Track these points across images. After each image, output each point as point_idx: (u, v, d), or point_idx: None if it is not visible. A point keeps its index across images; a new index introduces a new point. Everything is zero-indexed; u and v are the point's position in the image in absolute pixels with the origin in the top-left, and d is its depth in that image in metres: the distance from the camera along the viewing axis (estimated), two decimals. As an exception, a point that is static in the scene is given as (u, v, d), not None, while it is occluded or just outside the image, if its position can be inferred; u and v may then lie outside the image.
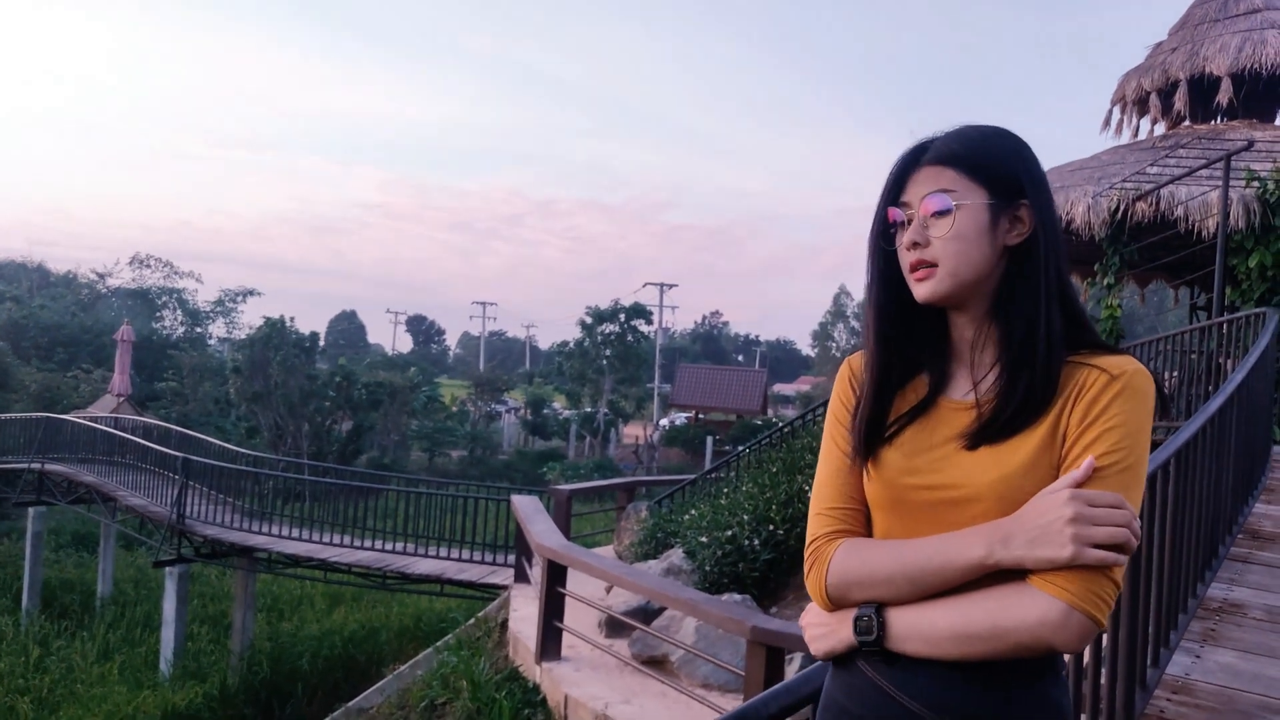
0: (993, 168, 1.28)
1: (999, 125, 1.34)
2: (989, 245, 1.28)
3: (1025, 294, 1.27)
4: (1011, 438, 1.23)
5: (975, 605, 1.18)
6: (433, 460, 36.55)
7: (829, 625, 1.31)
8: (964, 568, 1.19)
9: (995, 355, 1.30)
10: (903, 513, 1.30)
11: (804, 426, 12.17)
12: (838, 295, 77.83)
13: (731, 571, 8.90)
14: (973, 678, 1.21)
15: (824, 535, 1.35)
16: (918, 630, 1.22)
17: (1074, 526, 1.12)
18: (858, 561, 1.28)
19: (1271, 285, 9.28)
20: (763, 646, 5.08)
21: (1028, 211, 1.28)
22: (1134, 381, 1.21)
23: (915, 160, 1.33)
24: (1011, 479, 1.21)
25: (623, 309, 38.85)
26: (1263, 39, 11.71)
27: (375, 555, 12.69)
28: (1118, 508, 1.14)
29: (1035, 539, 1.15)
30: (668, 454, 37.05)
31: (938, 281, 1.28)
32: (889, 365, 1.36)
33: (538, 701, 7.46)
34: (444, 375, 64.80)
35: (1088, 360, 1.25)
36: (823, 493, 1.39)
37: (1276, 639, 3.68)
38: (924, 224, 1.29)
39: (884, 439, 1.33)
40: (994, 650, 1.17)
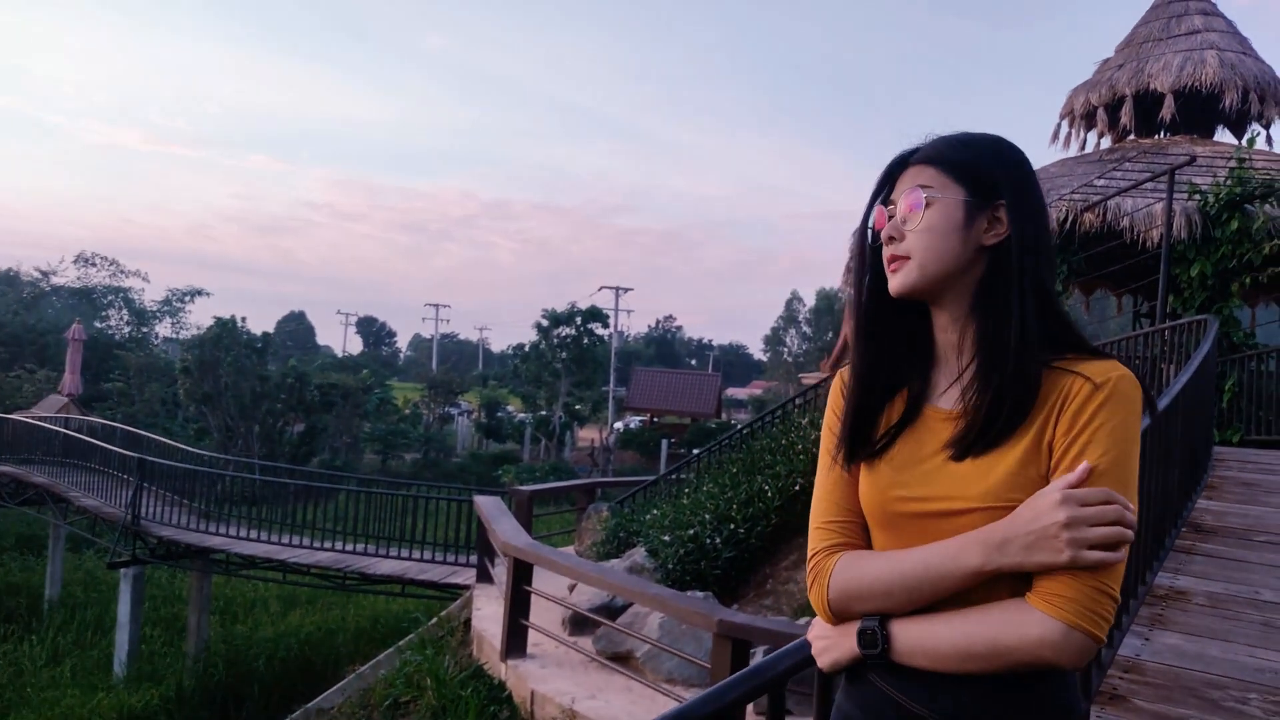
0: (972, 167, 1.30)
1: (995, 135, 1.36)
2: (961, 241, 1.28)
3: (1000, 294, 1.28)
4: (995, 448, 1.23)
5: (977, 624, 1.19)
6: (386, 463, 36.22)
7: (833, 638, 1.32)
8: (961, 576, 1.20)
9: (973, 357, 1.30)
10: (895, 526, 1.30)
11: (763, 428, 12.38)
12: (790, 300, 78.49)
13: (694, 569, 9.05)
14: (982, 684, 1.21)
15: (823, 549, 1.35)
16: (921, 646, 1.23)
17: (1069, 531, 1.13)
18: (856, 574, 1.28)
19: (1211, 294, 9.68)
20: (728, 639, 5.20)
21: (1005, 212, 1.29)
22: (1119, 387, 1.21)
23: (903, 163, 1.36)
24: (998, 491, 1.21)
25: (579, 312, 38.84)
26: (1202, 59, 12.18)
27: (335, 556, 12.62)
28: (1109, 503, 1.14)
29: (1031, 544, 1.15)
30: (623, 457, 37.13)
31: (907, 273, 1.30)
32: (874, 365, 1.37)
33: (503, 698, 7.52)
34: (395, 377, 64.14)
35: (1071, 367, 1.24)
36: (820, 506, 1.39)
37: (1217, 622, 3.92)
38: (902, 219, 1.31)
39: (875, 452, 1.34)
40: (995, 666, 1.18)
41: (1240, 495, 5.87)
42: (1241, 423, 8.88)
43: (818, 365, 51.39)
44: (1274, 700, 3.26)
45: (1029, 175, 1.33)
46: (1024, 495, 1.19)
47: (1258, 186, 9.66)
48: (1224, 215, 9.64)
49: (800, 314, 77.37)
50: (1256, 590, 4.29)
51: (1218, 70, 11.98)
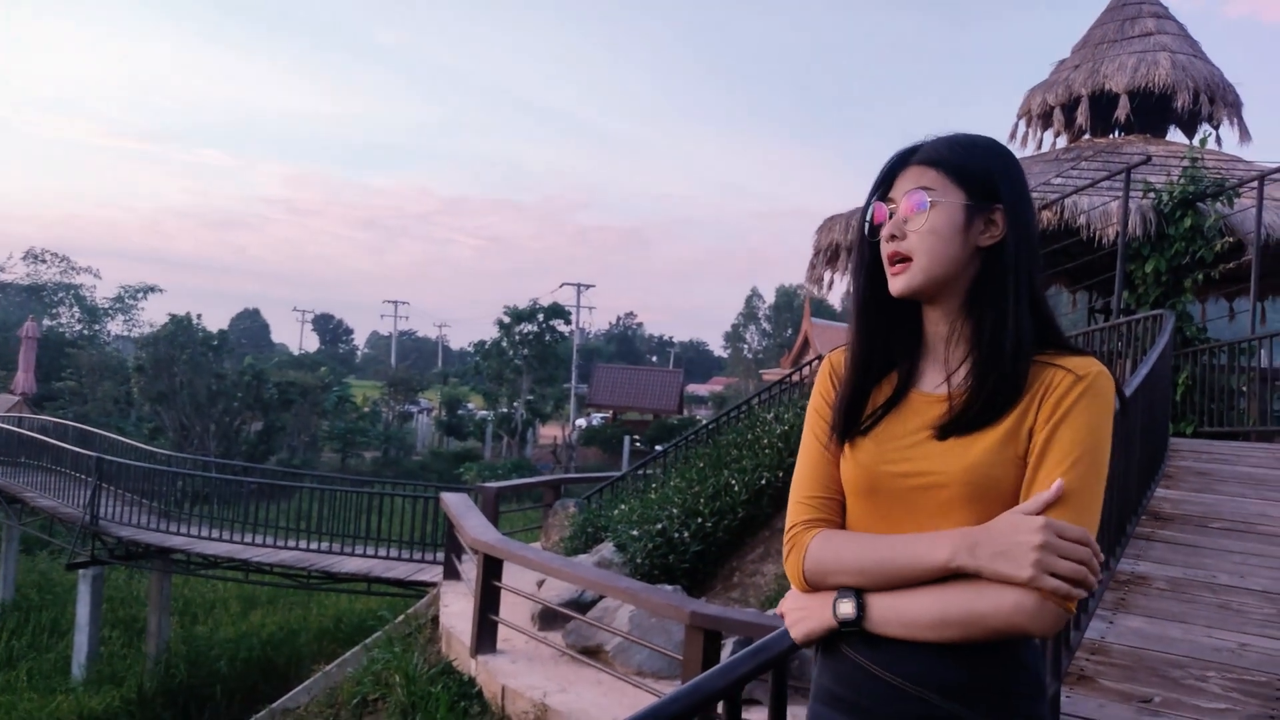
0: (972, 171, 1.35)
1: (989, 137, 1.43)
2: (962, 243, 1.34)
3: (996, 293, 1.34)
4: (979, 430, 1.30)
5: (952, 593, 1.23)
6: (345, 461, 35.88)
7: (808, 608, 1.35)
8: (928, 569, 1.24)
9: (965, 350, 1.36)
10: (877, 497, 1.36)
11: (728, 424, 12.48)
12: (750, 298, 79.01)
13: (662, 563, 9.12)
14: (953, 650, 1.25)
15: (802, 523, 1.40)
16: (896, 615, 1.27)
17: (1039, 553, 1.17)
18: (833, 552, 1.33)
19: (1165, 290, 9.93)
20: (700, 631, 5.26)
21: (1002, 215, 1.35)
22: (1097, 382, 1.29)
23: (904, 161, 1.40)
24: (978, 467, 1.27)
25: (541, 309, 38.71)
26: (1156, 60, 12.49)
27: (299, 555, 12.50)
28: (1084, 544, 1.19)
29: (1000, 553, 1.19)
30: (585, 454, 37.13)
31: (911, 275, 1.35)
32: (870, 353, 1.43)
33: (473, 694, 7.53)
34: (353, 375, 63.52)
35: (1054, 360, 1.32)
36: (802, 482, 1.44)
37: (1177, 605, 4.06)
38: (904, 219, 1.36)
39: (861, 430, 1.39)
40: (970, 635, 1.23)
41: (1196, 484, 6.06)
42: (1195, 415, 9.12)
43: (778, 362, 51.76)
44: (1231, 678, 3.39)
45: (1022, 179, 1.40)
46: (1001, 472, 1.27)
47: (1209, 185, 9.93)
48: (1177, 213, 9.89)
49: (760, 311, 77.89)
50: (1213, 574, 4.45)
51: (1170, 72, 12.29)
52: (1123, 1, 13.69)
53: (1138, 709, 3.13)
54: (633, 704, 6.54)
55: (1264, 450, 7.56)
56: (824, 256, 13.07)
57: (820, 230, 13.16)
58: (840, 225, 12.65)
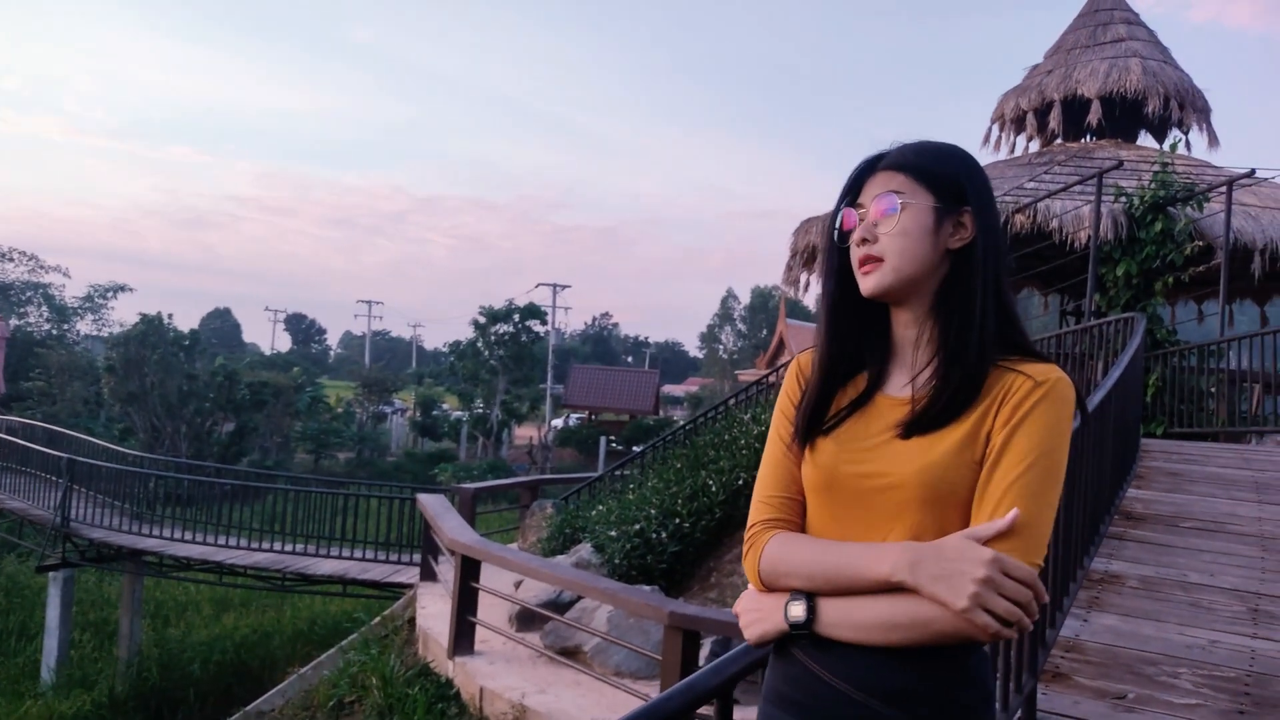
0: (940, 175, 1.37)
1: (953, 144, 1.44)
2: (931, 245, 1.36)
3: (963, 295, 1.35)
4: (939, 430, 1.31)
5: (900, 597, 1.24)
6: (318, 462, 35.62)
7: (762, 611, 1.35)
8: (871, 581, 1.25)
9: (932, 352, 1.37)
10: (833, 497, 1.37)
11: (706, 424, 12.52)
12: (725, 299, 79.24)
13: (640, 564, 9.14)
14: (898, 657, 1.26)
15: (761, 522, 1.41)
16: (846, 618, 1.27)
17: (979, 586, 1.17)
18: (785, 556, 1.34)
19: (1135, 292, 10.08)
20: (679, 631, 5.28)
21: (970, 218, 1.37)
22: (1056, 389, 1.29)
23: (871, 167, 1.42)
24: (933, 469, 1.29)
25: (517, 309, 38.60)
26: (1127, 66, 12.67)
27: (273, 557, 12.40)
28: (1027, 585, 1.19)
29: (939, 576, 1.19)
30: (561, 454, 37.07)
31: (881, 275, 1.36)
32: (837, 357, 1.44)
33: (451, 695, 7.51)
34: (326, 375, 63.07)
35: (1016, 366, 1.32)
36: (765, 481, 1.45)
37: (1149, 604, 4.13)
38: (874, 221, 1.37)
39: (823, 430, 1.40)
40: (917, 638, 1.23)
41: (1167, 485, 6.16)
42: (1164, 416, 9.26)
43: (753, 362, 51.91)
44: (1202, 674, 3.46)
45: (988, 184, 1.41)
46: (957, 476, 1.28)
47: (1179, 190, 10.09)
48: (1148, 217, 10.04)
49: (735, 311, 78.13)
50: (1184, 573, 4.53)
51: (1141, 78, 12.47)
52: (1095, 7, 13.91)
53: (1112, 705, 3.19)
54: (611, 704, 6.55)
55: (1232, 451, 7.70)
56: (801, 258, 13.15)
57: (797, 232, 13.24)
58: (817, 227, 12.71)
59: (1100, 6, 13.81)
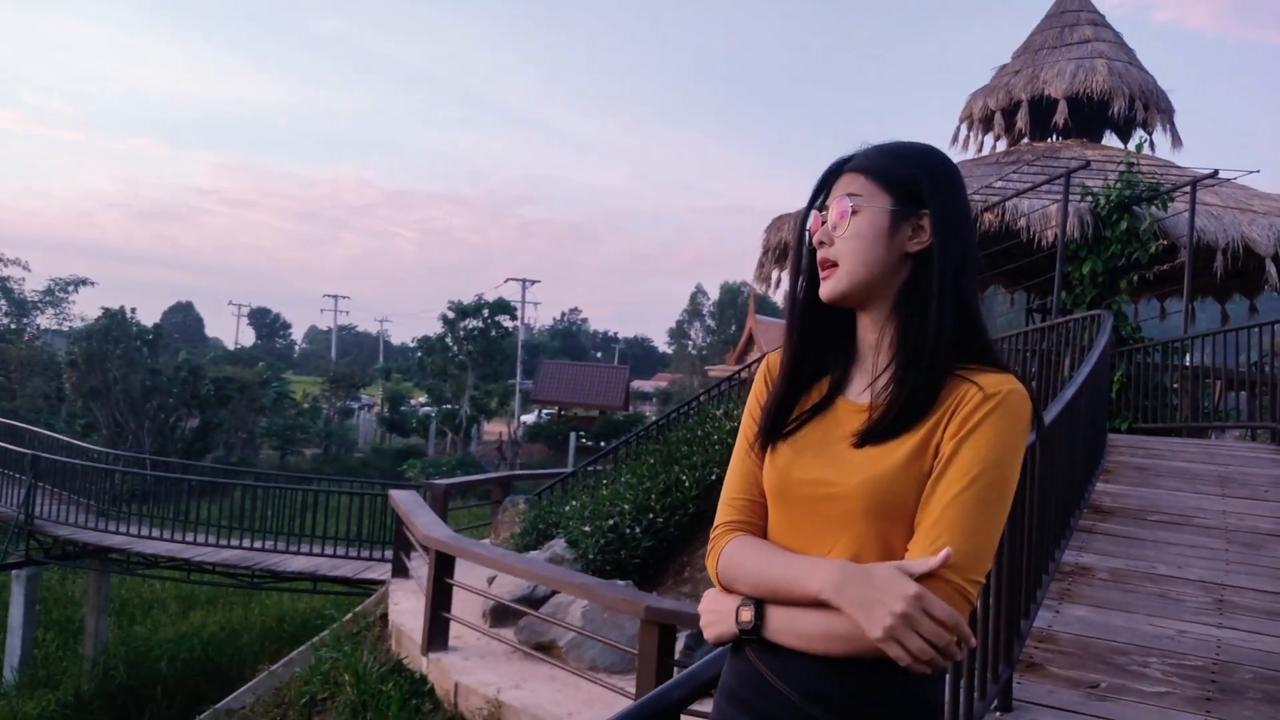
0: (899, 176, 1.35)
1: (927, 144, 1.42)
2: (887, 248, 1.34)
3: (921, 299, 1.33)
4: (891, 440, 1.29)
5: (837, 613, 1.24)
6: (284, 458, 35.27)
7: (720, 613, 1.36)
8: (804, 596, 1.26)
9: (890, 357, 1.36)
10: (788, 504, 1.37)
11: (679, 420, 12.57)
12: (694, 294, 79.39)
13: (614, 559, 9.18)
14: (842, 667, 1.26)
15: (724, 524, 1.43)
16: (790, 627, 1.28)
17: (895, 620, 1.16)
18: (737, 561, 1.36)
19: (1101, 290, 10.26)
20: (655, 625, 5.32)
21: (929, 221, 1.34)
22: (1009, 400, 1.27)
23: (838, 170, 1.41)
24: (880, 480, 1.28)
25: (486, 304, 38.42)
26: (1093, 66, 12.87)
27: (242, 554, 12.29)
28: (948, 628, 1.17)
29: (861, 602, 1.20)
30: (530, 450, 37.01)
31: (837, 279, 1.36)
32: (802, 361, 1.43)
33: (425, 691, 7.51)
34: (291, 370, 62.43)
35: (970, 375, 1.30)
36: (730, 482, 1.46)
37: (1119, 595, 4.23)
38: (833, 225, 1.37)
39: (783, 435, 1.40)
40: (857, 650, 1.22)
41: (1134, 479, 6.28)
42: (1129, 411, 9.43)
43: (723, 358, 52.10)
44: (1171, 663, 3.56)
45: (955, 186, 1.38)
46: (904, 488, 1.27)
47: (1144, 190, 10.28)
48: (1114, 216, 10.21)
49: (705, 307, 78.32)
50: (1152, 565, 4.63)
51: (1107, 78, 12.68)
52: (1062, 9, 14.12)
53: (1085, 694, 3.27)
54: (587, 699, 6.58)
55: (1197, 445, 7.87)
56: (773, 255, 13.23)
57: (769, 229, 13.32)
58: (790, 224, 12.81)
59: (1067, 8, 14.02)
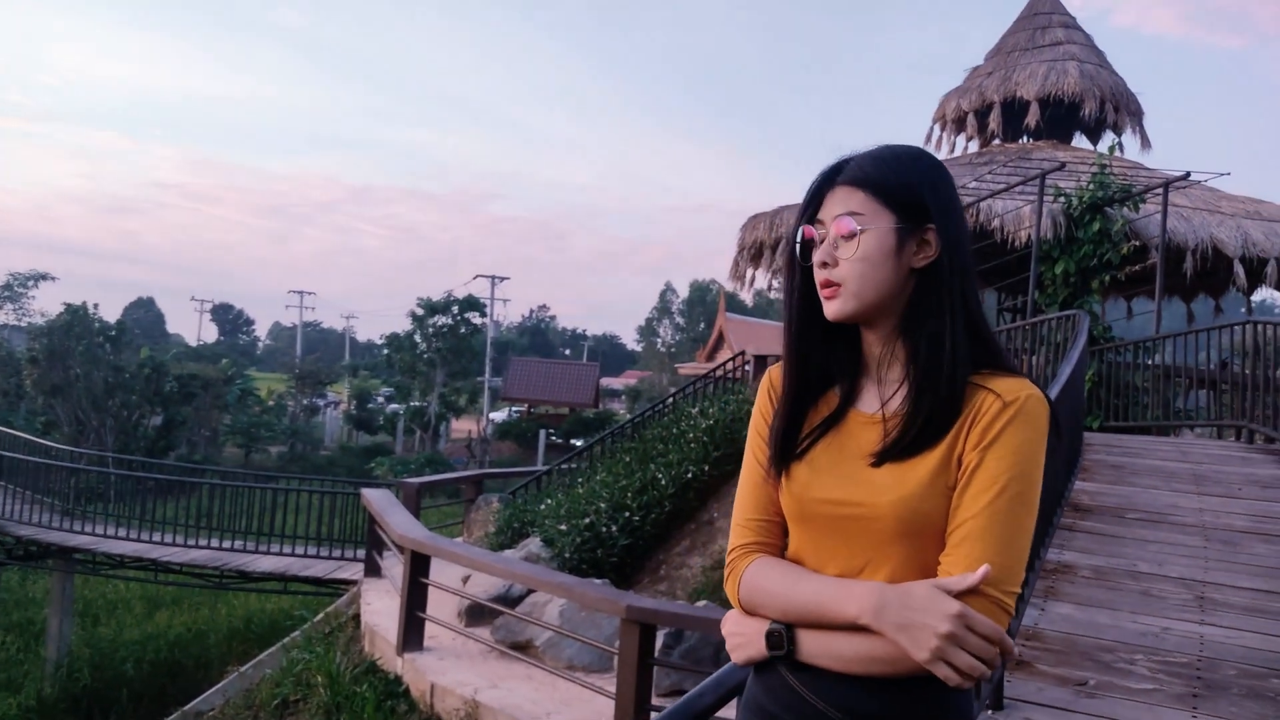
0: (901, 191, 1.31)
1: (916, 147, 1.38)
2: (894, 267, 1.31)
3: (931, 315, 1.30)
4: (914, 456, 1.27)
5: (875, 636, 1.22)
6: (249, 456, 34.85)
7: (747, 635, 1.34)
8: (839, 620, 1.24)
9: (901, 372, 1.34)
10: (811, 526, 1.34)
11: (654, 418, 12.55)
12: (664, 292, 79.34)
13: (590, 557, 9.14)
14: (883, 683, 1.24)
15: (740, 547, 1.39)
16: (825, 651, 1.26)
17: (943, 641, 1.15)
18: (761, 585, 1.33)
19: (1073, 290, 10.38)
20: (636, 624, 5.30)
21: (934, 235, 1.31)
22: (1027, 407, 1.25)
23: (830, 179, 1.36)
24: (910, 500, 1.25)
25: (455, 301, 38.17)
26: (1065, 69, 13.02)
27: (211, 554, 12.10)
28: (992, 642, 1.16)
29: (904, 627, 1.18)
30: (500, 448, 36.81)
31: (843, 301, 1.32)
32: (805, 379, 1.39)
33: (400, 692, 7.43)
34: (254, 367, 61.73)
35: (985, 383, 1.28)
36: (743, 504, 1.43)
37: (1102, 593, 4.26)
38: (834, 244, 1.32)
39: (796, 454, 1.36)
40: (898, 671, 1.21)
41: (1111, 477, 6.34)
42: (1100, 410, 9.55)
43: (693, 356, 52.15)
44: (1157, 660, 3.59)
45: (953, 194, 1.36)
46: (933, 506, 1.25)
47: (1116, 191, 10.40)
48: (1086, 217, 10.33)
49: (674, 305, 78.30)
50: (1133, 563, 4.67)
51: (1078, 80, 12.83)
52: (1034, 10, 14.27)
53: (1074, 691, 3.28)
54: (564, 698, 6.55)
55: (1170, 444, 7.97)
56: (748, 254, 13.24)
57: (744, 228, 13.33)
58: (765, 223, 12.84)
59: (1039, 10, 14.18)
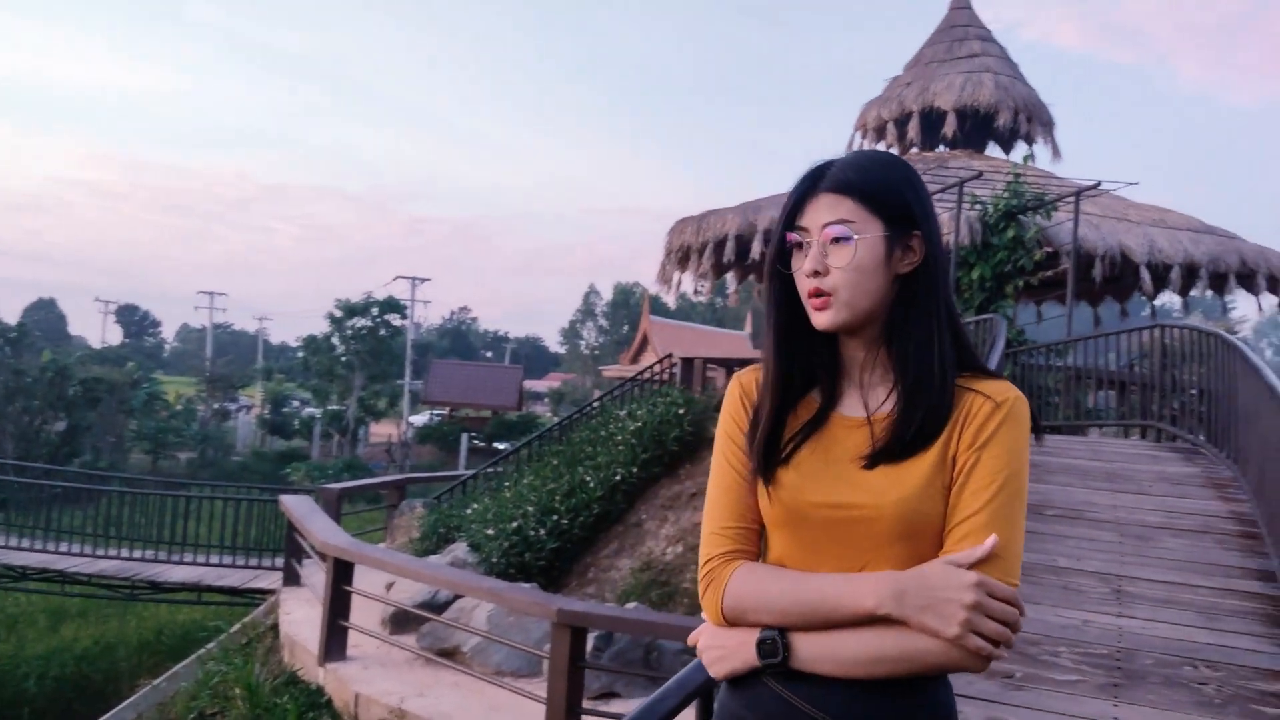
0: (888, 199, 1.31)
1: (890, 154, 1.43)
2: (884, 275, 1.31)
3: (919, 320, 1.31)
4: (909, 458, 1.28)
5: (885, 632, 1.21)
6: (157, 463, 33.68)
7: (728, 647, 1.31)
8: (854, 614, 1.22)
9: (886, 376, 1.34)
10: (802, 531, 1.32)
11: (582, 420, 12.52)
12: (587, 294, 79.41)
13: (518, 561, 9.10)
14: (875, 688, 1.23)
15: (719, 555, 1.35)
16: (825, 654, 1.24)
17: (969, 612, 1.16)
18: (755, 591, 1.29)
19: (989, 295, 10.72)
20: (568, 628, 5.28)
21: (919, 241, 1.32)
22: (1015, 408, 1.29)
23: (812, 186, 1.34)
24: (911, 500, 1.25)
25: (375, 303, 37.50)
26: (980, 80, 13.43)
27: (121, 564, 11.64)
28: (1012, 605, 1.18)
29: (927, 606, 1.18)
30: (421, 452, 36.30)
31: (836, 311, 1.31)
32: (789, 385, 1.38)
33: (323, 703, 7.29)
34: (161, 370, 59.75)
35: (972, 385, 1.31)
36: (716, 511, 1.39)
37: (1025, 587, 4.29)
38: (823, 252, 1.31)
39: (781, 459, 1.34)
40: (904, 671, 1.21)
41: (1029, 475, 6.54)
42: (1015, 411, 9.84)
43: (616, 358, 52.23)
44: (1079, 651, 3.73)
45: (930, 200, 1.37)
46: (931, 506, 1.26)
47: (1030, 199, 10.77)
48: (1001, 224, 10.68)
49: (598, 307, 78.40)
50: (1053, 558, 4.83)
51: (993, 92, 13.25)
52: (951, 23, 14.70)
53: (1002, 684, 3.38)
54: (493, 704, 6.49)
55: (1083, 443, 8.26)
56: (675, 257, 13.33)
57: (672, 232, 13.41)
58: (692, 227, 12.93)
59: (956, 22, 14.61)
